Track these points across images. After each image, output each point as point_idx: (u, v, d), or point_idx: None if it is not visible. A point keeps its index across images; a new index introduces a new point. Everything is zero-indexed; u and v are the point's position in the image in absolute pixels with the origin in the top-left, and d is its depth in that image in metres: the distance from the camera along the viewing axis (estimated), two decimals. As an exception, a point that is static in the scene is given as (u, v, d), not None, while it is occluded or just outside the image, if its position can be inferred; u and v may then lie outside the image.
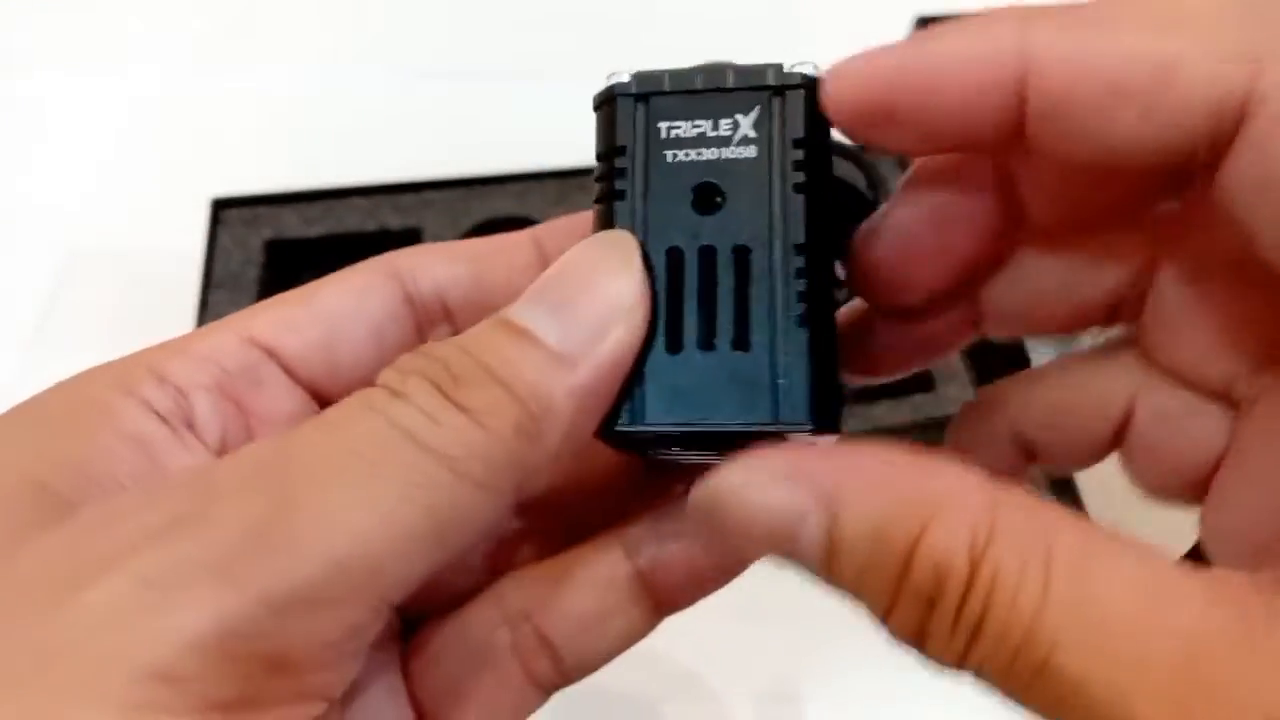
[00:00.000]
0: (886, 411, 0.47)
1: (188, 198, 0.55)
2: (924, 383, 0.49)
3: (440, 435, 0.14)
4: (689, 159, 0.18)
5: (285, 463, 0.15)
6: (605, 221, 0.18)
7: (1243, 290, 0.16)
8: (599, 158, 0.19)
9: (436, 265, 0.21)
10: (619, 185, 0.18)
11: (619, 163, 0.18)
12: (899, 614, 0.14)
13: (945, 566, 0.13)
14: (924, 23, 0.60)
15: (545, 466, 0.16)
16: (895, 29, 0.62)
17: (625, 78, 0.19)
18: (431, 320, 0.20)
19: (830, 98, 0.16)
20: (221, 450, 0.18)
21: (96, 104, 0.69)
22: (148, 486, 0.16)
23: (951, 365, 0.50)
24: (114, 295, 0.59)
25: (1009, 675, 0.13)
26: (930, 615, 0.13)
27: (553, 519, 0.21)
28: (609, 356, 0.16)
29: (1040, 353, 0.55)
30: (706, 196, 0.18)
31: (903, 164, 0.58)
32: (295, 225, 0.54)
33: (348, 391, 0.16)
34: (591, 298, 0.16)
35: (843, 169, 0.53)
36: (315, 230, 0.54)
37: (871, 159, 0.50)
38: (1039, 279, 0.18)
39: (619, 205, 0.18)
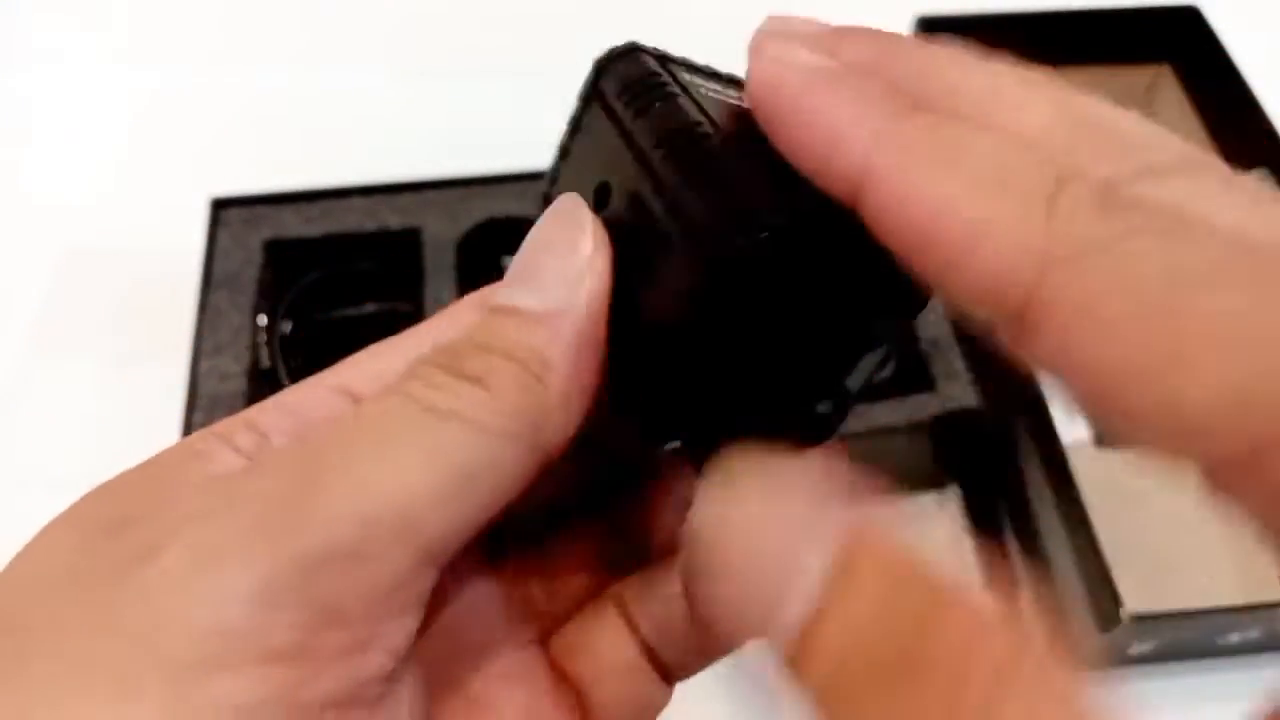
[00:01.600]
0: (887, 411, 0.47)
1: (187, 197, 0.55)
2: (924, 383, 0.49)
3: (451, 400, 0.16)
4: (718, 96, 0.18)
5: (315, 441, 0.16)
6: (673, 109, 0.17)
7: None
8: (627, 88, 0.18)
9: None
10: (670, 89, 0.18)
11: (663, 79, 0.18)
12: None
13: None
14: (924, 23, 0.60)
15: (560, 415, 0.17)
16: (897, 28, 0.62)
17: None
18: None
19: (751, 64, 0.16)
20: None
21: (96, 103, 0.69)
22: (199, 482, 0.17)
23: (952, 365, 0.50)
24: (114, 295, 0.59)
25: None
26: None
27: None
28: (585, 304, 0.17)
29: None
30: (747, 119, 0.18)
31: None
32: (295, 225, 0.54)
33: None
34: (556, 261, 0.17)
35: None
36: (315, 230, 0.54)
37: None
38: None
39: (682, 100, 0.17)
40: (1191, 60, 0.64)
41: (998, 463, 0.54)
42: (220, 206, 0.54)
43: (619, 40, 0.20)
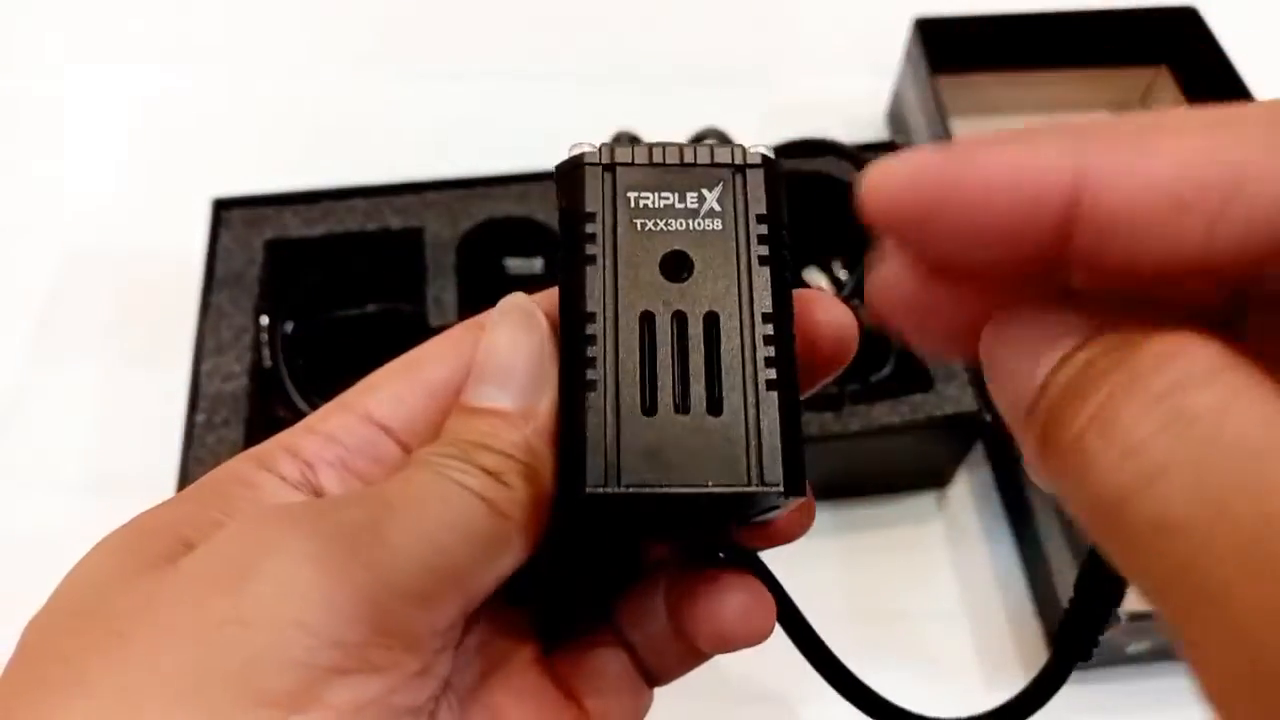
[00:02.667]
0: (886, 411, 0.48)
1: (189, 198, 0.56)
2: (923, 382, 0.49)
3: (479, 485, 0.19)
4: (658, 228, 0.19)
5: (380, 495, 0.19)
6: (577, 286, 0.19)
7: None
8: (564, 223, 0.19)
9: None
10: (590, 250, 0.19)
11: (589, 228, 0.19)
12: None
13: None
14: (923, 24, 0.61)
15: (550, 498, 0.20)
16: (895, 30, 0.63)
17: (589, 147, 0.19)
18: None
19: (870, 194, 0.15)
20: None
21: (98, 104, 0.69)
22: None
23: (951, 365, 0.50)
24: (116, 296, 0.59)
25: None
26: None
27: None
28: (552, 396, 0.20)
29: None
30: (676, 265, 0.19)
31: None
32: (296, 225, 0.54)
33: None
34: (521, 364, 0.20)
35: (841, 169, 0.53)
36: (316, 230, 0.54)
37: (870, 160, 0.50)
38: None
39: (590, 270, 0.18)
40: (1189, 61, 0.64)
41: (998, 462, 0.54)
42: (222, 207, 0.54)
43: (618, 41, 0.20)
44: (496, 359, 0.20)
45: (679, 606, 0.22)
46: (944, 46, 0.60)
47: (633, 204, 0.19)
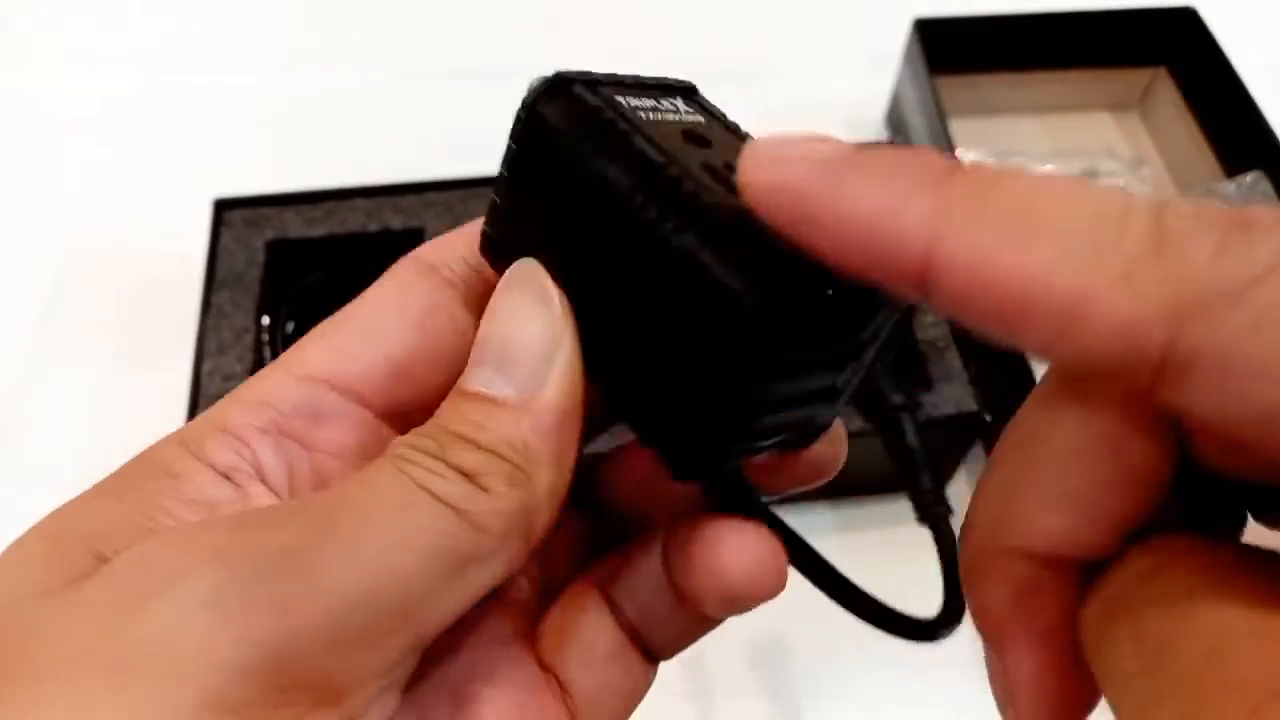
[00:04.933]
0: (886, 411, 0.48)
1: (190, 198, 0.56)
2: (922, 383, 0.49)
3: (448, 491, 0.16)
4: (661, 119, 0.19)
5: (318, 509, 0.16)
6: (635, 154, 0.17)
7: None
8: (572, 133, 0.18)
9: (459, 246, 0.20)
10: (623, 127, 0.18)
11: (608, 115, 0.18)
12: None
13: None
14: (923, 25, 0.61)
15: (548, 508, 0.17)
16: (895, 31, 0.63)
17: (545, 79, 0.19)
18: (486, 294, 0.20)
19: (744, 183, 0.15)
20: (290, 494, 0.19)
21: (99, 104, 0.70)
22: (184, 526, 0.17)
23: (951, 366, 0.50)
24: (117, 296, 0.59)
25: None
26: None
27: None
28: (560, 386, 0.17)
29: (1040, 360, 0.55)
30: (697, 139, 0.19)
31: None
32: (297, 226, 0.54)
33: (427, 400, 0.18)
34: (527, 342, 0.17)
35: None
36: (317, 231, 0.54)
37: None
38: None
39: (638, 139, 0.17)
40: (1189, 62, 0.64)
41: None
42: (223, 207, 0.55)
43: (618, 40, 0.21)
44: (497, 337, 0.17)
45: (676, 563, 0.19)
46: (943, 47, 0.60)
47: (628, 105, 0.19)
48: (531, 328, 0.17)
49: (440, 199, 0.55)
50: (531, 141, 0.19)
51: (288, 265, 0.54)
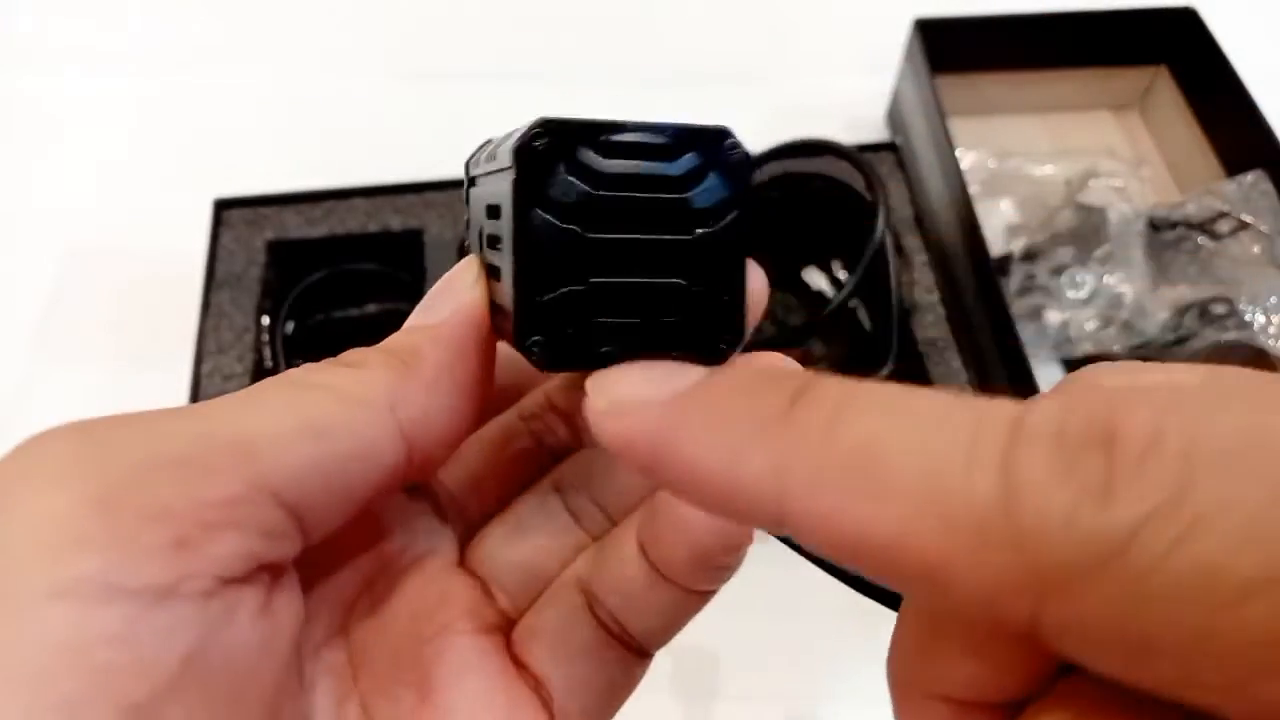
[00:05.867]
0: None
1: (190, 198, 0.56)
2: (922, 383, 0.49)
3: (322, 377, 0.18)
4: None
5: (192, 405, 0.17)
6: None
7: None
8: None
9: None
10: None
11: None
12: None
13: None
14: (923, 25, 0.61)
15: (424, 397, 0.18)
16: (895, 30, 0.63)
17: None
18: None
19: (596, 428, 0.15)
20: None
21: (100, 104, 0.70)
22: None
23: (950, 365, 0.50)
24: (117, 296, 0.60)
25: None
26: None
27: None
28: (463, 309, 0.19)
29: (1040, 359, 0.55)
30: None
31: (901, 164, 0.58)
32: (297, 226, 0.54)
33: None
34: (445, 291, 0.20)
35: (841, 169, 0.54)
36: (317, 231, 0.54)
37: (869, 160, 0.50)
38: None
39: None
40: (1189, 62, 0.64)
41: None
42: (223, 207, 0.55)
43: (618, 40, 0.20)
44: (428, 293, 0.20)
45: (648, 536, 0.20)
46: (944, 47, 0.60)
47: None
48: (452, 284, 0.20)
49: (439, 199, 0.55)
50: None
51: (288, 265, 0.54)
